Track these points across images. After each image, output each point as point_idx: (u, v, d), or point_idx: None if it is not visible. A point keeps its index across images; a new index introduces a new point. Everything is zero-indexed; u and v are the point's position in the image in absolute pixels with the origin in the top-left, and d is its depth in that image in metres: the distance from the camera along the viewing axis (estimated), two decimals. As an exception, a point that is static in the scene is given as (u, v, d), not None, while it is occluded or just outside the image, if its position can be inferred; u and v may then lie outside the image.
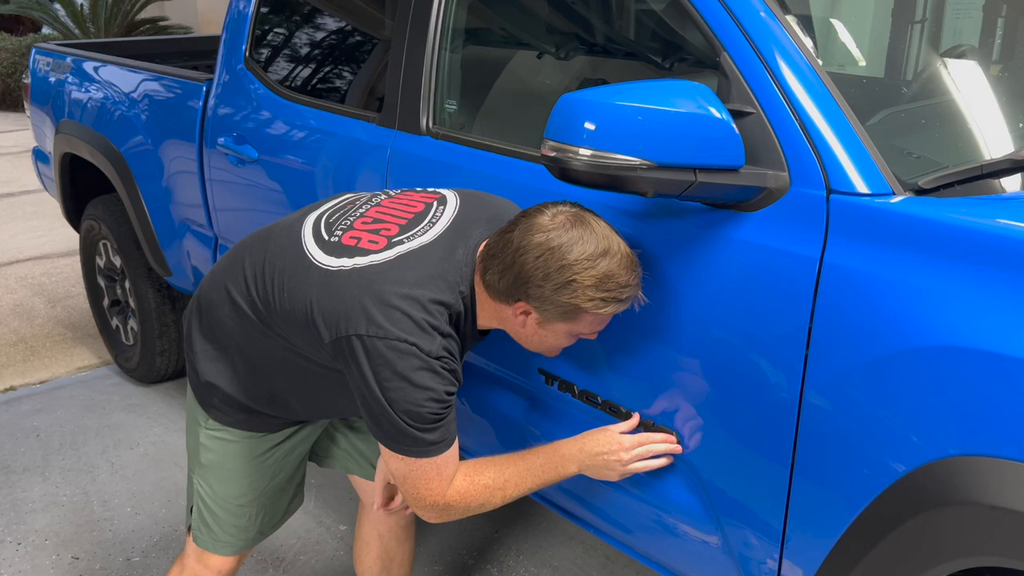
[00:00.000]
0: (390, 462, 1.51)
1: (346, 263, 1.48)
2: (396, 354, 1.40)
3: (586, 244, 1.38)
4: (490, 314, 1.51)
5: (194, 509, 1.81)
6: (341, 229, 1.56)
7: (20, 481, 2.88)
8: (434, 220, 1.56)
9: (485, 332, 1.61)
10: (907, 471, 1.24)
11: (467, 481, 1.55)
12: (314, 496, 2.75)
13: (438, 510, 1.54)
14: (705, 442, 1.52)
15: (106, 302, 3.60)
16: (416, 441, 1.45)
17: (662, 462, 1.58)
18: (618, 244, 1.41)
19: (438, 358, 1.43)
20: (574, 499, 1.85)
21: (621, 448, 1.56)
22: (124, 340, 3.56)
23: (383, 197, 1.66)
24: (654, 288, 1.53)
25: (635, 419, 1.60)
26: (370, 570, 2.02)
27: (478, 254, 1.50)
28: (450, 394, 1.46)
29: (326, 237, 1.55)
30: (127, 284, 3.41)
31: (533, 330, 1.48)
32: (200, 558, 1.82)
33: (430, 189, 1.69)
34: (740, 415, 1.44)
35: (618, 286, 1.40)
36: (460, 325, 1.50)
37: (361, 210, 1.61)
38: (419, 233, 1.53)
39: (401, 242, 1.51)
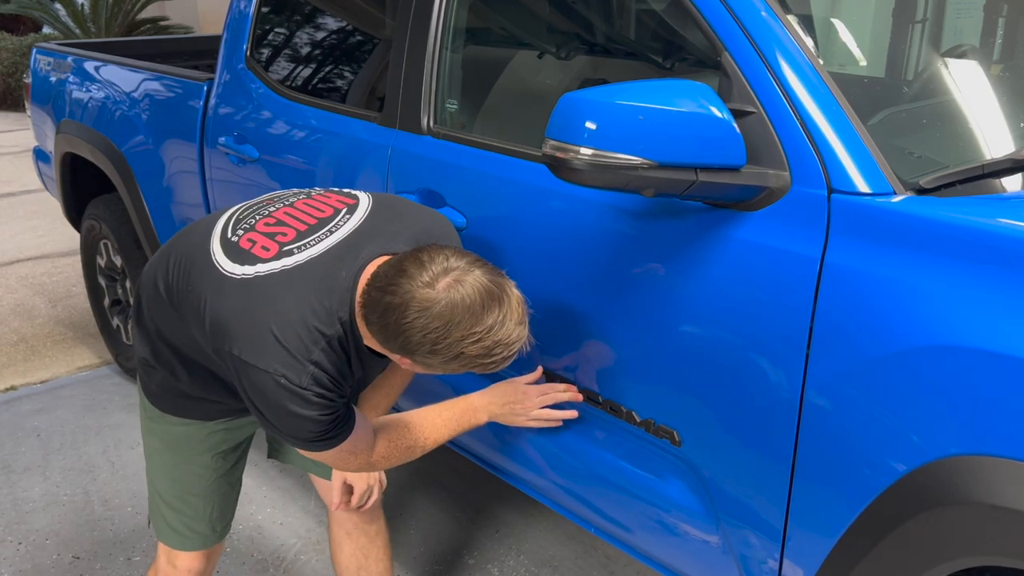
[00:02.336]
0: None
1: (236, 271, 1.46)
2: (265, 384, 1.40)
3: (473, 315, 1.32)
4: (373, 344, 1.47)
5: (150, 503, 1.81)
6: (243, 229, 1.54)
7: (21, 480, 2.88)
8: (334, 229, 1.52)
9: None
10: (908, 471, 1.24)
11: (390, 446, 1.63)
12: (314, 496, 2.75)
13: (368, 468, 1.63)
14: (706, 441, 1.52)
15: (107, 302, 3.60)
16: (313, 443, 1.47)
17: (567, 413, 1.73)
18: (507, 297, 1.35)
19: (307, 388, 1.40)
20: (575, 498, 1.85)
21: (526, 396, 1.72)
22: (125, 340, 3.56)
23: (302, 197, 1.62)
24: (655, 288, 1.53)
25: (539, 371, 1.74)
26: (347, 569, 1.99)
27: (360, 287, 1.43)
28: (330, 412, 1.44)
29: (229, 236, 1.54)
30: (128, 284, 3.41)
31: (421, 370, 1.46)
32: (168, 557, 1.82)
33: (355, 192, 1.65)
34: (741, 414, 1.44)
35: (507, 347, 1.36)
36: (345, 346, 1.46)
37: (271, 208, 1.58)
38: (313, 243, 1.49)
39: (291, 252, 1.47)
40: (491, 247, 1.82)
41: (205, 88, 2.70)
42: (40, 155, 3.94)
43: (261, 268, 1.45)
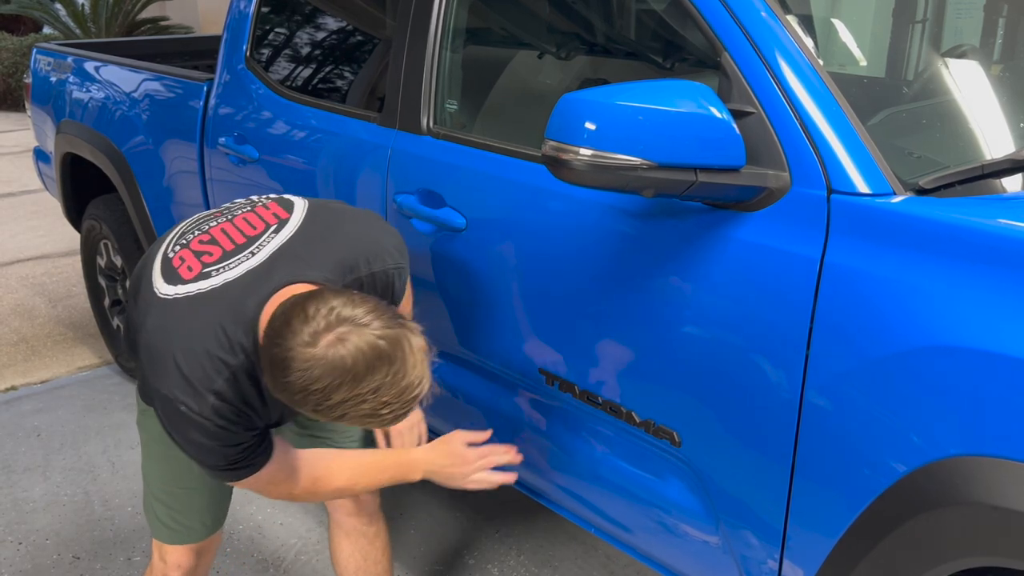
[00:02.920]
0: None
1: (160, 290, 1.46)
2: (169, 409, 1.39)
3: (355, 378, 1.24)
4: None
5: (144, 497, 1.81)
6: (180, 245, 1.53)
7: (21, 481, 2.88)
8: (256, 250, 1.47)
9: None
10: (908, 471, 1.24)
11: (317, 483, 1.60)
12: (315, 496, 2.75)
13: (289, 498, 1.61)
14: (706, 442, 1.52)
15: (107, 302, 3.60)
16: (221, 471, 1.46)
17: (506, 477, 1.69)
18: (400, 354, 1.27)
19: (208, 418, 1.38)
20: (575, 499, 1.85)
21: (465, 461, 1.66)
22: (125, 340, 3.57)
23: (245, 210, 1.58)
24: (655, 288, 1.53)
25: (487, 433, 1.68)
26: (346, 570, 1.99)
27: (263, 319, 1.38)
28: (235, 443, 1.42)
29: (168, 252, 1.53)
30: (128, 284, 3.41)
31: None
32: (160, 552, 1.80)
33: (294, 202, 1.59)
34: (741, 415, 1.44)
35: (398, 407, 1.30)
36: (254, 376, 1.42)
37: (211, 223, 1.56)
38: (232, 265, 1.45)
39: (209, 274, 1.44)
40: (491, 248, 1.82)
41: (205, 88, 2.71)
42: (40, 155, 3.94)
43: (179, 290, 1.44)
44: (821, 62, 1.42)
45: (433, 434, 2.25)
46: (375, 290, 1.54)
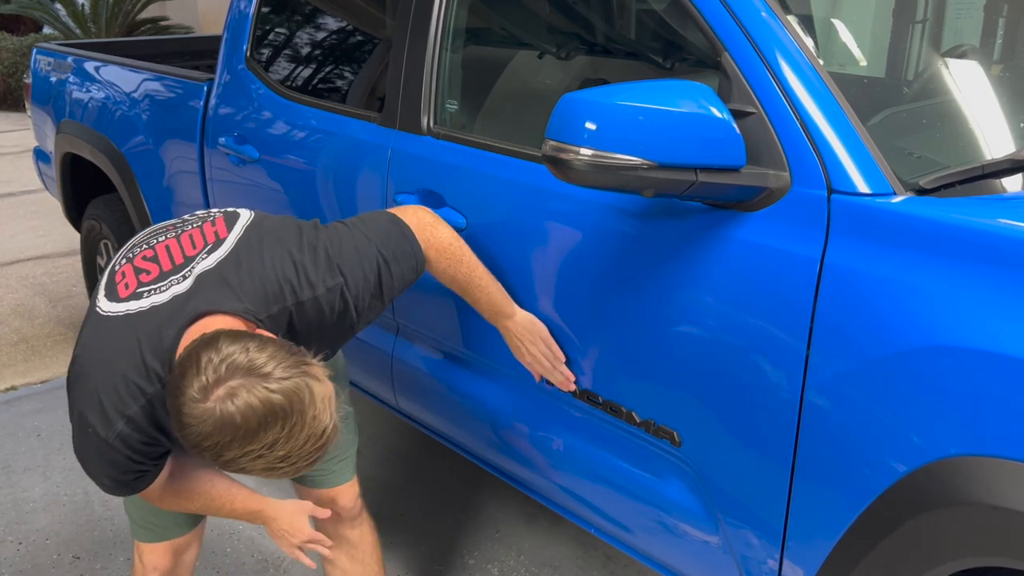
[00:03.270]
0: None
1: (99, 304, 1.45)
2: (77, 427, 1.39)
3: (246, 434, 1.20)
4: None
5: (124, 499, 1.80)
6: (127, 258, 1.51)
7: (21, 481, 2.88)
8: (188, 273, 1.44)
9: None
10: (908, 471, 1.24)
11: (177, 503, 1.59)
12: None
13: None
14: (706, 442, 1.52)
15: (107, 302, 3.59)
16: (106, 488, 1.46)
17: (307, 561, 1.71)
18: (298, 405, 1.22)
19: (112, 445, 1.36)
20: (575, 499, 1.85)
21: (296, 532, 1.66)
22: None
23: (193, 225, 1.54)
24: (655, 288, 1.53)
25: (328, 513, 1.70)
26: (332, 574, 1.98)
27: (179, 350, 1.34)
28: (131, 472, 1.40)
29: (116, 262, 1.52)
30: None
31: None
32: (139, 553, 1.79)
33: (238, 218, 1.55)
34: (741, 415, 1.44)
35: (298, 460, 1.25)
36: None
37: (159, 238, 1.53)
38: (164, 287, 1.42)
39: (141, 295, 1.42)
40: (491, 248, 1.82)
41: (205, 88, 2.70)
42: (40, 155, 3.94)
43: (112, 307, 1.42)
44: (821, 62, 1.42)
45: (435, 436, 2.25)
46: (309, 319, 1.48)
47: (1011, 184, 1.40)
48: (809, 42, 1.45)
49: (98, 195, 3.47)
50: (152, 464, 1.45)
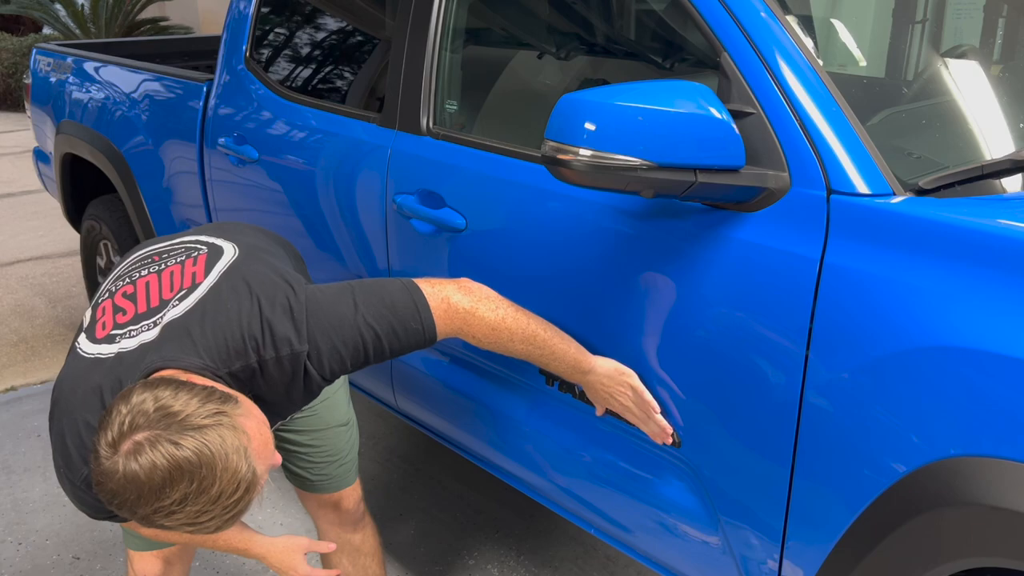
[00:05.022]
0: None
1: (78, 341, 1.43)
2: (54, 460, 1.39)
3: (152, 492, 1.15)
4: None
5: None
6: (109, 293, 1.49)
7: (21, 481, 2.88)
8: (159, 319, 1.40)
9: None
10: (908, 471, 1.24)
11: (157, 534, 1.55)
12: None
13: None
14: (706, 442, 1.52)
15: (107, 302, 3.60)
16: (90, 516, 1.45)
17: None
18: (209, 460, 1.16)
19: (80, 488, 1.36)
20: (575, 499, 1.85)
21: (290, 569, 1.60)
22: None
23: (178, 259, 1.50)
24: (654, 289, 1.53)
25: (331, 546, 1.66)
26: None
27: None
28: (105, 510, 1.37)
29: (97, 298, 1.50)
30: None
31: None
32: (129, 559, 1.77)
33: (220, 263, 1.48)
34: (741, 415, 1.44)
35: (223, 510, 1.19)
36: None
37: (142, 272, 1.49)
38: (134, 333, 1.39)
39: (114, 338, 1.39)
40: (490, 248, 1.82)
41: (205, 89, 2.70)
42: (40, 156, 3.94)
43: (88, 349, 1.39)
44: (821, 62, 1.42)
45: (435, 436, 2.25)
46: (275, 379, 1.41)
47: (1011, 184, 1.40)
48: (808, 42, 1.45)
49: (98, 195, 3.47)
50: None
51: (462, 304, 1.52)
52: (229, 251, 1.52)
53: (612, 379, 1.59)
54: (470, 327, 1.53)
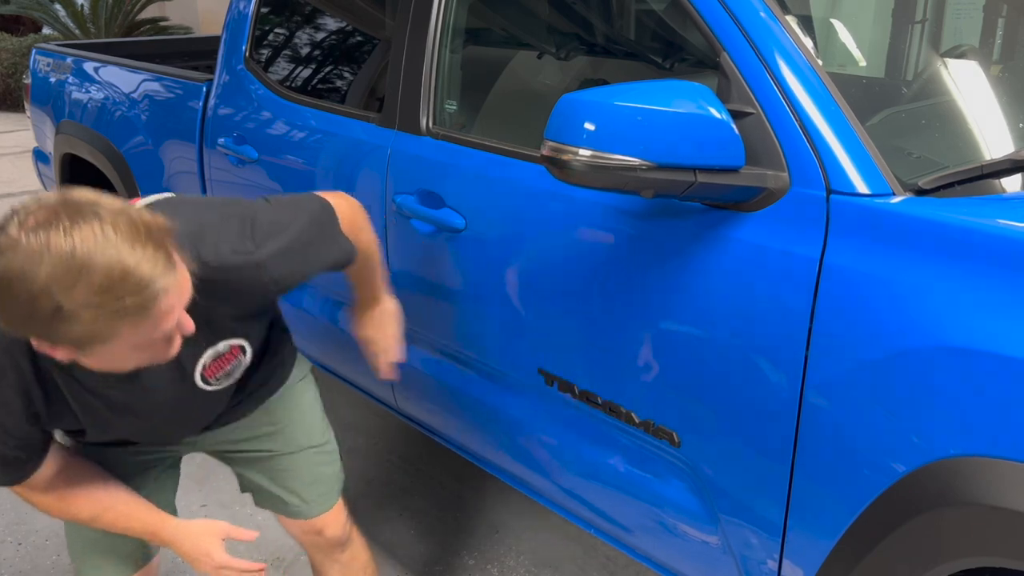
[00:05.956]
0: None
1: None
2: None
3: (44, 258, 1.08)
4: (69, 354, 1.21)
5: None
6: None
7: (21, 481, 2.88)
8: None
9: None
10: (907, 471, 1.24)
11: (58, 505, 1.51)
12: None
13: (34, 506, 1.52)
14: (705, 442, 1.52)
15: (106, 302, 3.59)
16: None
17: None
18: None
19: None
20: (575, 499, 1.85)
21: (206, 556, 1.54)
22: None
23: None
24: (654, 288, 1.53)
25: (253, 535, 1.56)
26: None
27: None
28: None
29: None
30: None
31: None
32: None
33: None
34: (740, 415, 1.44)
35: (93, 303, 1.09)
36: (33, 365, 1.30)
37: None
38: None
39: None
40: (490, 248, 1.82)
41: (204, 89, 2.71)
42: (40, 156, 3.93)
43: None
44: (820, 62, 1.42)
45: (435, 437, 2.25)
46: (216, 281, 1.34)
47: (1010, 184, 1.40)
48: (808, 42, 1.45)
49: (97, 196, 3.47)
50: (13, 447, 1.36)
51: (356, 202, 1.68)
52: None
53: (393, 315, 1.85)
54: (365, 220, 1.69)
